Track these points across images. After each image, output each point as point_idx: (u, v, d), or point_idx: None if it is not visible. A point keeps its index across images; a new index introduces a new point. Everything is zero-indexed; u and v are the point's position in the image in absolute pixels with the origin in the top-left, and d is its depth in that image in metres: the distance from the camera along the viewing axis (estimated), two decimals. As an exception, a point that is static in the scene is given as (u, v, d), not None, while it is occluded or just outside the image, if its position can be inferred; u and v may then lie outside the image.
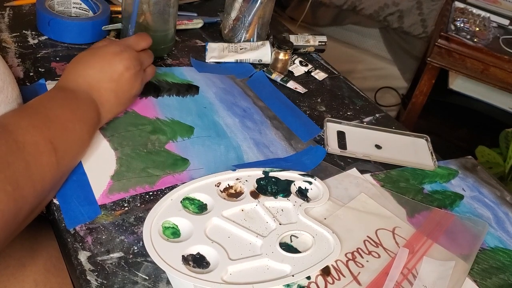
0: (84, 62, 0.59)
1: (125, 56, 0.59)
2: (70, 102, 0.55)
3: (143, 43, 0.65)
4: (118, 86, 0.59)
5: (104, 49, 0.60)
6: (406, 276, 0.52)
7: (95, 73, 0.58)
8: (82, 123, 0.54)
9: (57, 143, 0.49)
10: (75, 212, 0.52)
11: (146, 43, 0.65)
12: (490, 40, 1.36)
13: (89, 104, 0.57)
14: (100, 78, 0.58)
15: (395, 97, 1.73)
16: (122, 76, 0.59)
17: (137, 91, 0.63)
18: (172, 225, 0.52)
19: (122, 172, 0.57)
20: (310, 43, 0.91)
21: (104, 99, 0.58)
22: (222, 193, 0.57)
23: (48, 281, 0.59)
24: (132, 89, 0.61)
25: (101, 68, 0.58)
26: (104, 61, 0.59)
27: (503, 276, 0.56)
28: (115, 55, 0.59)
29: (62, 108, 0.53)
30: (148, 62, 0.65)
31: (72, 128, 0.53)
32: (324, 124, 0.72)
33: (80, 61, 0.59)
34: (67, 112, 0.53)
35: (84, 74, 0.58)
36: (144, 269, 0.48)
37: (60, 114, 0.52)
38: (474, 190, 0.68)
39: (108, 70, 0.58)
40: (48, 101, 0.54)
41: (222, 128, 0.68)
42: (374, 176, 0.66)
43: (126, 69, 0.59)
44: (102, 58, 0.59)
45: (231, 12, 0.86)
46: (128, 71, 0.59)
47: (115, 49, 0.60)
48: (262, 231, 0.53)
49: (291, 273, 0.49)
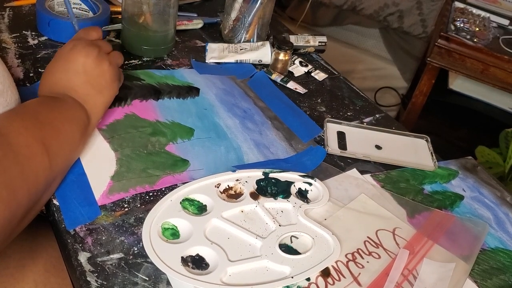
0: (50, 71, 0.59)
1: (79, 47, 0.59)
2: (56, 104, 0.55)
3: (93, 33, 0.63)
4: (88, 76, 0.59)
5: (60, 52, 0.60)
6: (406, 277, 0.52)
7: (62, 75, 0.58)
8: (72, 123, 0.54)
9: (48, 144, 0.49)
10: (75, 213, 0.52)
11: (97, 33, 0.64)
12: (490, 40, 1.36)
13: (73, 104, 0.57)
14: (68, 77, 0.58)
15: (395, 97, 1.73)
16: (85, 65, 0.58)
17: (111, 74, 0.61)
18: (171, 226, 0.52)
19: (122, 172, 0.57)
20: (310, 43, 0.91)
21: (83, 95, 0.58)
22: (221, 194, 0.57)
23: (48, 282, 0.59)
24: (104, 73, 0.60)
25: (64, 68, 0.58)
26: (64, 61, 0.59)
27: (503, 277, 0.56)
28: (70, 51, 0.59)
29: (51, 110, 0.54)
30: (106, 47, 0.63)
31: (62, 128, 0.53)
32: (324, 125, 0.72)
33: (47, 71, 0.59)
34: (55, 114, 0.53)
35: (54, 80, 0.58)
36: (144, 270, 0.48)
37: (49, 115, 0.52)
38: (474, 190, 0.68)
39: (71, 67, 0.58)
40: (36, 104, 0.54)
41: (222, 129, 0.68)
42: (374, 176, 0.66)
43: (85, 57, 0.58)
44: (61, 59, 0.59)
45: (231, 13, 0.86)
46: (88, 57, 0.59)
47: (69, 46, 0.59)
48: (262, 232, 0.53)
49: (290, 274, 0.49)
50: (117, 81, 0.63)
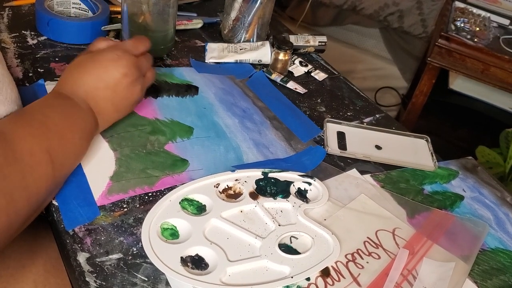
0: (81, 68, 0.57)
1: (123, 63, 0.57)
2: (68, 109, 0.54)
3: (141, 47, 0.62)
4: (115, 94, 0.57)
5: (102, 55, 0.58)
6: (406, 277, 0.52)
7: (92, 80, 0.56)
8: (80, 132, 0.54)
9: (54, 154, 0.49)
10: (74, 213, 0.51)
11: (145, 46, 0.63)
12: (490, 40, 1.36)
13: (86, 112, 0.55)
14: (96, 86, 0.56)
15: (395, 97, 1.72)
16: (119, 84, 0.57)
17: (137, 98, 0.61)
18: (170, 226, 0.52)
19: (121, 173, 0.57)
20: (310, 43, 0.91)
21: (101, 108, 0.57)
22: (221, 194, 0.57)
23: (47, 282, 0.59)
24: (131, 96, 0.60)
25: (97, 75, 0.57)
26: (101, 67, 0.57)
27: (503, 277, 0.56)
28: (112, 61, 0.57)
29: (60, 116, 0.52)
30: (147, 66, 0.63)
31: (70, 137, 0.52)
32: (324, 125, 0.72)
33: (77, 67, 0.58)
34: (64, 121, 0.52)
35: (81, 81, 0.56)
36: (143, 271, 0.47)
37: (58, 122, 0.51)
38: (475, 190, 0.68)
39: (104, 78, 0.57)
40: (46, 108, 0.53)
41: (221, 129, 0.67)
42: (374, 176, 0.66)
43: (123, 76, 0.57)
44: (99, 64, 0.57)
45: (230, 12, 0.86)
46: (125, 79, 0.57)
47: (113, 56, 0.58)
48: (261, 232, 0.53)
49: (290, 274, 0.49)
50: (138, 103, 0.63)
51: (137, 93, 0.60)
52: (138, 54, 0.61)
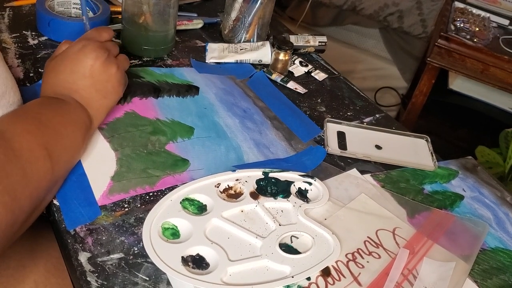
0: (54, 71, 0.58)
1: (89, 48, 0.58)
2: (59, 106, 0.55)
3: (104, 34, 0.62)
4: (94, 80, 0.58)
5: (68, 51, 0.59)
6: (406, 277, 0.52)
7: (67, 76, 0.57)
8: (74, 126, 0.54)
9: (51, 148, 0.49)
10: (75, 213, 0.52)
11: (108, 34, 0.63)
12: (490, 40, 1.36)
13: (76, 107, 0.56)
14: (73, 79, 0.57)
15: (395, 97, 1.73)
16: (93, 69, 0.58)
17: (118, 78, 0.61)
18: (171, 226, 0.52)
19: (122, 172, 0.57)
20: (310, 43, 0.91)
21: (87, 99, 0.57)
22: (221, 194, 0.57)
23: (48, 282, 0.59)
24: (111, 77, 0.59)
25: (71, 69, 0.57)
26: (71, 61, 0.58)
27: (503, 277, 0.56)
28: (79, 52, 0.58)
29: (52, 112, 0.53)
30: (115, 50, 0.63)
31: (64, 132, 0.52)
32: (324, 125, 0.72)
33: (51, 72, 0.58)
34: (58, 116, 0.53)
35: (58, 81, 0.57)
36: (145, 270, 0.48)
37: (51, 118, 0.52)
38: (475, 190, 0.68)
39: (77, 69, 0.57)
40: (38, 106, 0.53)
41: (222, 129, 0.68)
42: (374, 176, 0.66)
43: (94, 60, 0.58)
44: (68, 60, 0.58)
45: (231, 13, 0.86)
46: (97, 61, 0.58)
47: (78, 47, 0.58)
48: (262, 232, 0.53)
49: (291, 274, 0.49)
50: (123, 85, 0.63)
51: (114, 73, 0.60)
52: (102, 40, 0.62)
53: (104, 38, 0.62)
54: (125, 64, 0.64)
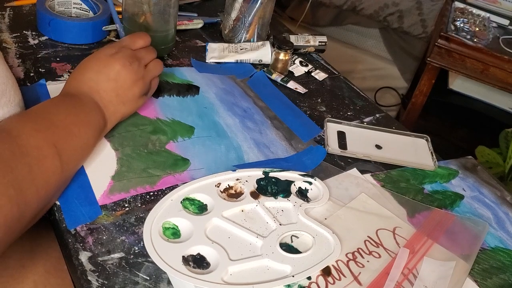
0: (83, 68, 0.59)
1: (120, 55, 0.60)
2: (74, 106, 0.55)
3: (139, 41, 0.64)
4: (117, 85, 0.59)
5: (101, 52, 0.60)
6: (406, 276, 0.52)
7: (93, 75, 0.58)
8: (87, 127, 0.55)
9: (61, 147, 0.50)
10: (76, 213, 0.52)
11: (143, 41, 0.64)
12: (490, 40, 1.36)
13: (92, 107, 0.57)
14: (98, 79, 0.58)
15: (395, 97, 1.73)
16: (119, 74, 0.59)
17: (141, 89, 0.62)
18: (172, 226, 0.52)
19: (123, 172, 0.57)
20: (310, 43, 0.91)
21: (106, 101, 0.58)
22: (222, 194, 0.57)
23: (47, 282, 0.59)
24: (134, 86, 0.61)
25: (98, 70, 0.59)
26: (100, 63, 0.59)
27: (503, 276, 0.56)
28: (110, 56, 0.59)
29: (66, 113, 0.54)
30: (148, 57, 0.64)
31: (76, 132, 0.53)
32: (324, 124, 0.72)
33: (80, 67, 0.60)
34: (71, 117, 0.53)
35: (83, 78, 0.58)
36: (145, 270, 0.48)
37: (64, 118, 0.52)
38: (474, 190, 0.68)
39: (105, 71, 0.58)
40: (51, 106, 0.54)
41: (222, 128, 0.68)
42: (375, 176, 0.66)
43: (122, 66, 0.59)
44: (98, 60, 0.59)
45: (231, 13, 0.86)
46: (124, 68, 0.59)
47: (111, 51, 0.60)
48: (262, 232, 0.53)
49: (291, 273, 0.49)
50: (145, 97, 0.64)
51: (139, 84, 0.61)
52: (136, 48, 0.63)
53: (138, 45, 0.63)
54: (154, 72, 0.65)
